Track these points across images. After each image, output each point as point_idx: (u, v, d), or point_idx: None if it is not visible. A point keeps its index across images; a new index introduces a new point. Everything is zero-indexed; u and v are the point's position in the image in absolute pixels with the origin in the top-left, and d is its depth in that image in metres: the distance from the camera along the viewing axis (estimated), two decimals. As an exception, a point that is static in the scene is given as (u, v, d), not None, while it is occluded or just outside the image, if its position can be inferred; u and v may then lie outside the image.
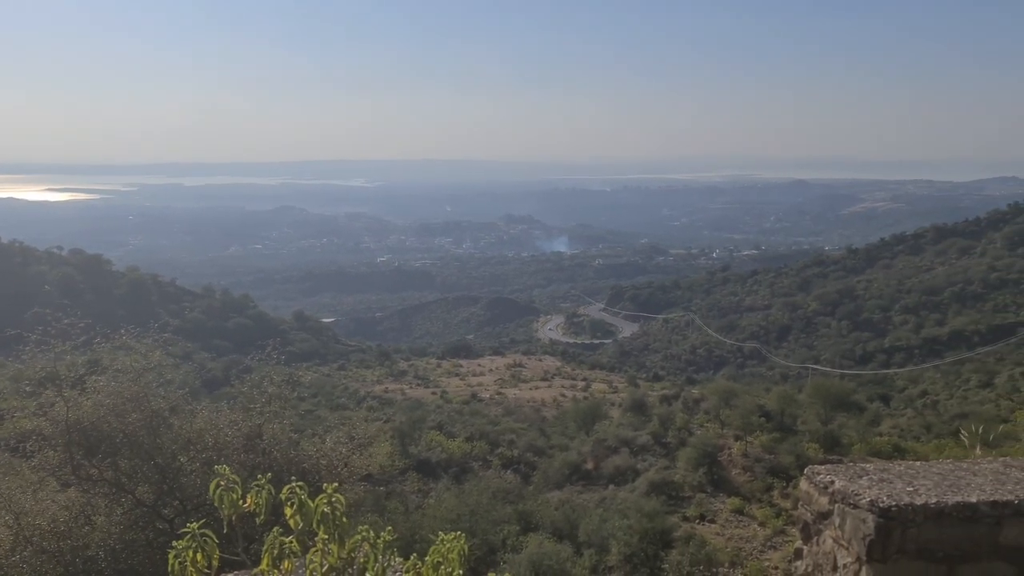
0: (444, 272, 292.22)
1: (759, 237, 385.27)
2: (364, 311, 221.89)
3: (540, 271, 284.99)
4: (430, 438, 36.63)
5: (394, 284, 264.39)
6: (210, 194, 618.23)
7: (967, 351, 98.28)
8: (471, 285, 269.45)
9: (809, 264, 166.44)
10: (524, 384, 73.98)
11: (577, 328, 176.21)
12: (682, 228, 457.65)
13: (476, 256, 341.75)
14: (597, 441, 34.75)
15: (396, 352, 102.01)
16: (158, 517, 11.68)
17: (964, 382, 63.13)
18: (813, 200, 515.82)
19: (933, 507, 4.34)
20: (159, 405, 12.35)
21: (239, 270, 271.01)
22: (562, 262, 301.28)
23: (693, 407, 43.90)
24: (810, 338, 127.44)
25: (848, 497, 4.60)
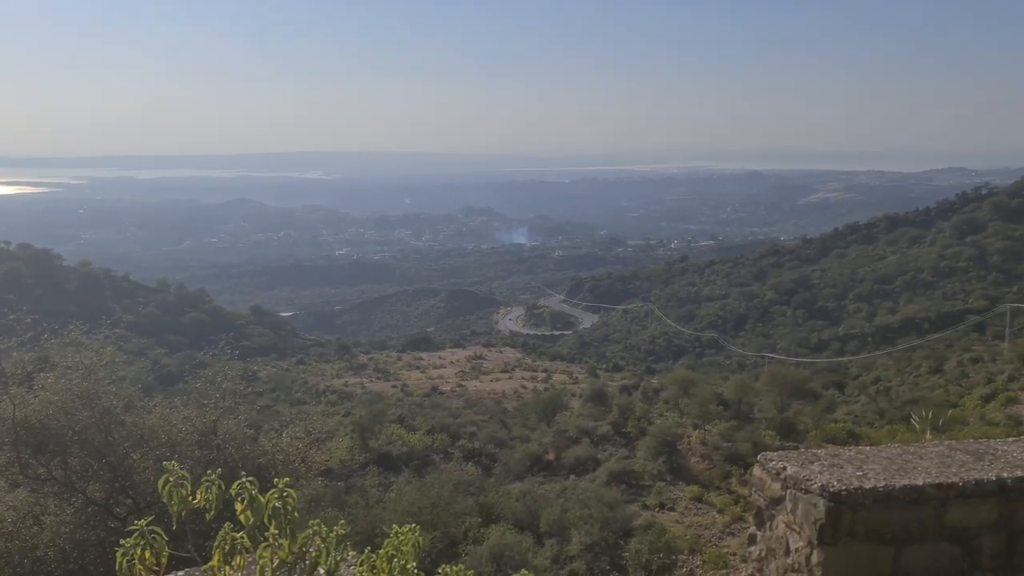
0: (404, 265, 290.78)
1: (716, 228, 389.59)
2: (323, 305, 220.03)
3: (500, 263, 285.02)
4: (391, 432, 36.46)
5: (353, 277, 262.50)
6: (164, 187, 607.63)
7: (918, 338, 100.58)
8: (431, 277, 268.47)
9: (765, 254, 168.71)
10: (485, 376, 73.99)
11: (537, 320, 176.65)
12: (640, 219, 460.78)
13: (436, 248, 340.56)
14: (558, 432, 34.89)
15: (356, 346, 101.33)
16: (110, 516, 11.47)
17: (915, 368, 64.56)
18: (768, 191, 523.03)
19: (881, 490, 4.42)
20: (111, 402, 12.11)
21: (194, 264, 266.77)
22: (522, 254, 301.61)
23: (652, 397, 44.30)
24: (766, 327, 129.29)
25: (800, 482, 4.67)
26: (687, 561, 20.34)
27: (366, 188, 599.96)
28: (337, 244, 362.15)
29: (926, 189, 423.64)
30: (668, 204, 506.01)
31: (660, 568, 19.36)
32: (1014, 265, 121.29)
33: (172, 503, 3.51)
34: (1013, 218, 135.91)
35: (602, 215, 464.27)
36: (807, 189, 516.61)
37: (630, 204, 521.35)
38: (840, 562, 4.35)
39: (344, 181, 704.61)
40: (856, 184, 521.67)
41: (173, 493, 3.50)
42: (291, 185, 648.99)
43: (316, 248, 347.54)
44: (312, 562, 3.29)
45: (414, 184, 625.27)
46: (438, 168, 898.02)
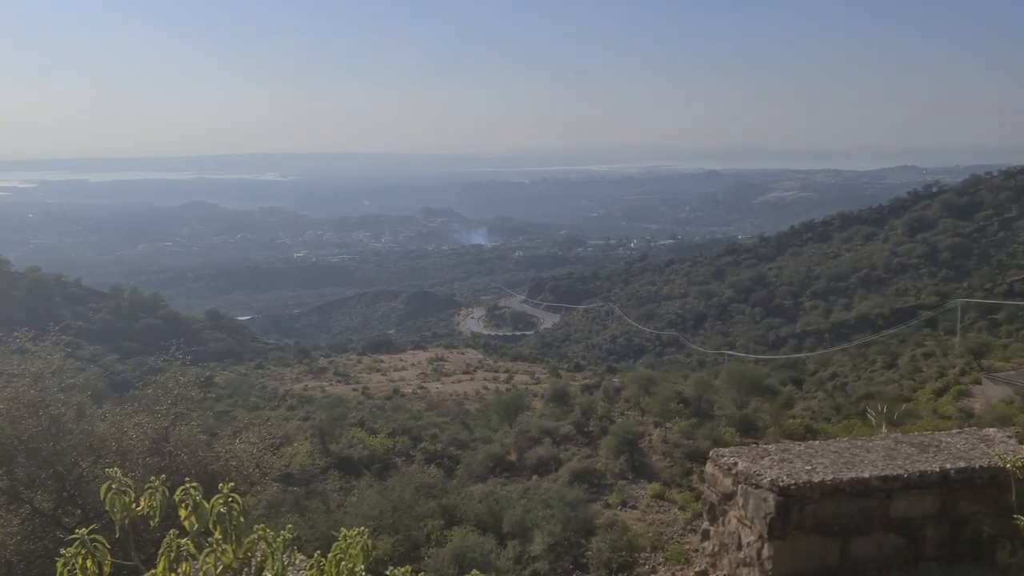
0: (363, 267, 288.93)
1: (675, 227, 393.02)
2: (281, 308, 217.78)
3: (460, 264, 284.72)
4: (351, 435, 36.22)
5: (312, 280, 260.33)
6: (117, 190, 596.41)
7: (872, 334, 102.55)
8: (391, 279, 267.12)
9: (723, 253, 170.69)
10: (447, 378, 73.85)
11: (499, 320, 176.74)
12: (600, 219, 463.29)
13: (395, 250, 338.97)
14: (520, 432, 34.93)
15: (315, 349, 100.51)
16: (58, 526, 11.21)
17: (870, 364, 65.79)
18: (726, 190, 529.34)
19: (829, 484, 4.49)
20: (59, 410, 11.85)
21: (149, 269, 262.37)
22: (482, 255, 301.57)
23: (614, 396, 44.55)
24: (725, 325, 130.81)
25: (750, 478, 4.73)
26: (649, 558, 20.50)
27: (324, 190, 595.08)
28: (295, 247, 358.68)
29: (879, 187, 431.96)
30: (628, 204, 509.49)
31: (622, 566, 19.48)
32: (963, 261, 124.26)
33: (114, 511, 3.44)
34: (962, 215, 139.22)
35: (563, 215, 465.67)
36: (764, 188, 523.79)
37: (591, 204, 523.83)
38: (790, 555, 4.41)
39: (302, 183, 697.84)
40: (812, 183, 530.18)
41: (115, 500, 3.43)
42: (248, 187, 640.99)
43: (274, 251, 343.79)
44: (258, 567, 3.31)
45: (373, 185, 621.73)
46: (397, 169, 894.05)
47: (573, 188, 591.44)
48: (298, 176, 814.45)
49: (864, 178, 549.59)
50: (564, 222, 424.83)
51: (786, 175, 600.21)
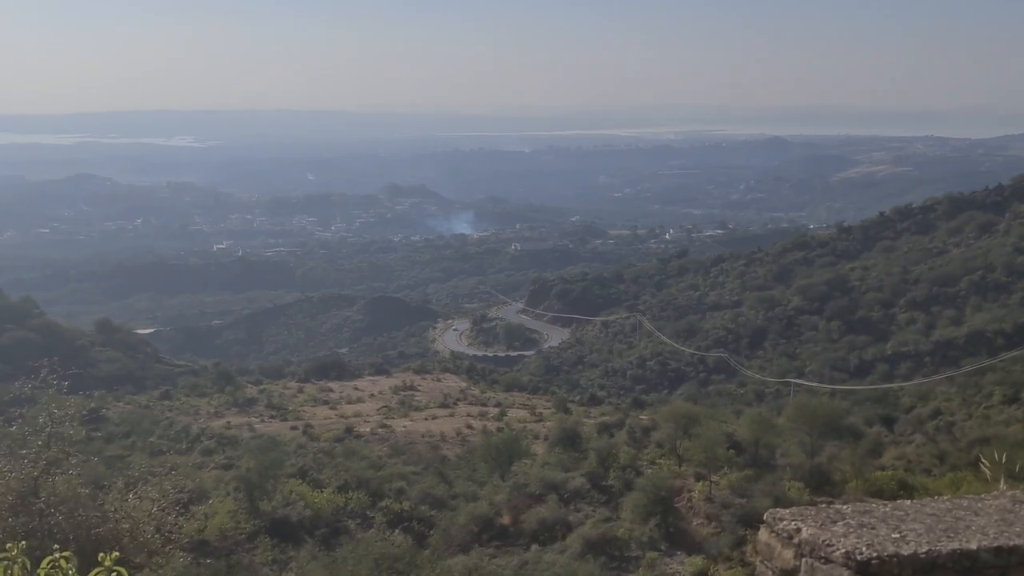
0: (307, 263, 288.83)
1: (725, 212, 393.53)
2: (196, 318, 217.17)
3: (437, 260, 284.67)
4: (289, 489, 36.19)
5: (238, 280, 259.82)
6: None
7: (989, 358, 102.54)
8: (344, 280, 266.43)
9: (790, 247, 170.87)
10: (417, 413, 73.74)
11: (488, 336, 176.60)
12: (625, 201, 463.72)
13: (350, 241, 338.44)
14: (515, 487, 34.91)
15: (242, 373, 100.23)
16: None
17: (986, 397, 65.81)
18: (794, 163, 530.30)
19: (923, 558, 4.48)
20: None
21: (18, 263, 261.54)
22: (467, 248, 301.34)
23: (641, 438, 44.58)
24: (791, 344, 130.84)
25: (818, 549, 4.72)
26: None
27: (255, 160, 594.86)
28: (216, 235, 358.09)
29: (999, 161, 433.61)
30: (663, 181, 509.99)
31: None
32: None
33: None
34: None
35: (575, 196, 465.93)
36: (844, 161, 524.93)
37: (612, 181, 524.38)
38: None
39: (225, 150, 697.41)
40: (909, 154, 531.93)
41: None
42: (152, 156, 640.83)
43: (187, 241, 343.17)
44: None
45: (320, 155, 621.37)
46: (353, 133, 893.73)
47: (589, 160, 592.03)
48: (219, 141, 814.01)
49: (979, 148, 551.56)
50: (577, 205, 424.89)
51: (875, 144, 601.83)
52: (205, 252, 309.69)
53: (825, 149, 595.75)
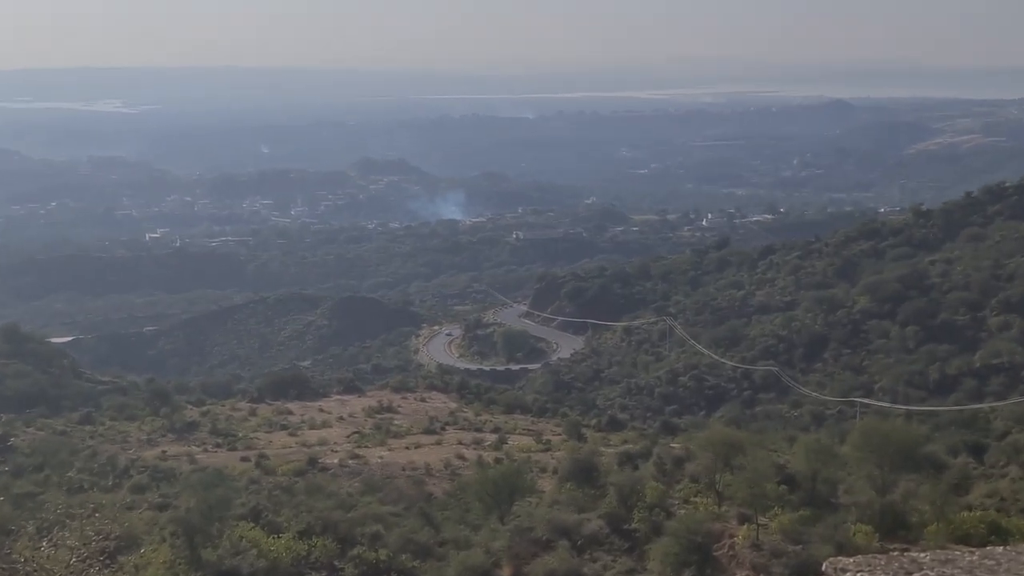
0: (260, 256, 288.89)
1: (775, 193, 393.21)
2: (126, 323, 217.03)
3: (421, 252, 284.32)
4: (238, 535, 36.13)
5: (176, 277, 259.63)
6: None
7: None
8: (306, 277, 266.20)
9: (854, 236, 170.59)
10: (397, 440, 73.66)
11: (483, 345, 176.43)
12: (652, 179, 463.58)
13: (314, 228, 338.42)
14: (517, 531, 34.86)
15: (181, 391, 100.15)
16: None
17: (1097, 420, 65.71)
18: (859, 132, 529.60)
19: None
20: None
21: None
22: (457, 237, 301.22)
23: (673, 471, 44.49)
24: (857, 355, 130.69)
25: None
26: None
27: (197, 129, 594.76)
28: (149, 222, 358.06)
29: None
30: (698, 155, 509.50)
31: None
32: None
33: None
34: None
35: (590, 173, 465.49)
36: (922, 130, 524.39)
37: (636, 155, 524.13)
38: None
39: (159, 117, 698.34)
40: (1002, 121, 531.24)
41: None
42: (70, 123, 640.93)
43: (113, 228, 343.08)
44: None
45: (276, 122, 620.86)
46: (316, 96, 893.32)
47: (607, 128, 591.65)
48: (153, 105, 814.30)
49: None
50: (592, 184, 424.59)
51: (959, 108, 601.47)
52: (136, 242, 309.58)
53: (898, 115, 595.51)
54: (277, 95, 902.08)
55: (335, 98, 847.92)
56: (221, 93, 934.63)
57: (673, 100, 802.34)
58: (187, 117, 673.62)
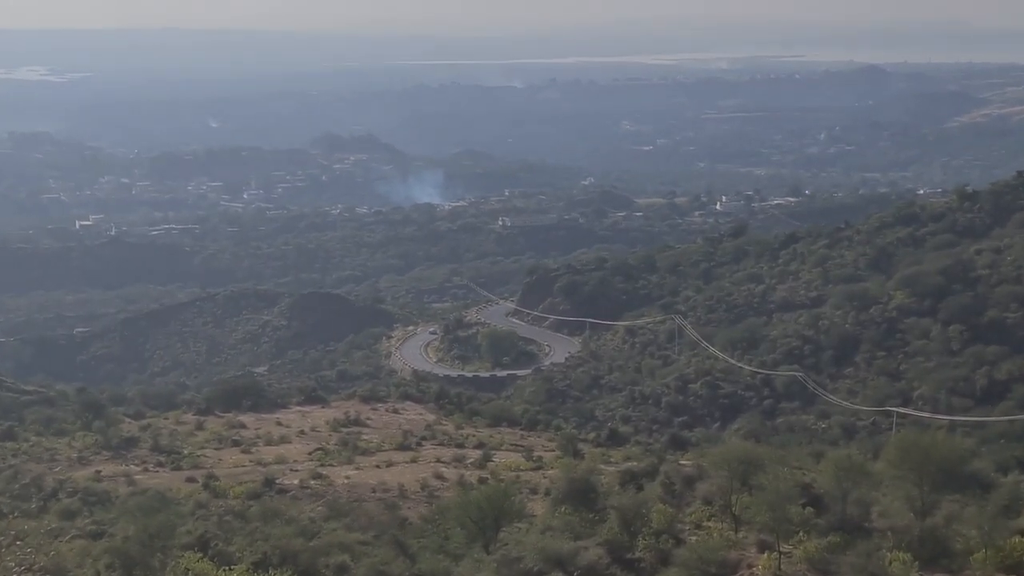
0: (209, 246, 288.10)
1: (799, 172, 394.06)
2: (52, 323, 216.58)
3: (393, 241, 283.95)
4: (184, 567, 36.11)
5: (110, 271, 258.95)
6: None
7: None
8: (261, 270, 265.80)
9: (890, 222, 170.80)
10: (366, 458, 73.63)
11: (465, 349, 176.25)
12: (658, 157, 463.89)
13: (270, 214, 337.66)
14: (505, 562, 34.86)
15: (117, 403, 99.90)
16: None
17: None
18: (895, 103, 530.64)
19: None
20: None
21: None
22: (435, 224, 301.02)
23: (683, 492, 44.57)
24: (893, 359, 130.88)
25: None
26: None
27: (134, 100, 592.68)
28: (79, 208, 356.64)
29: None
30: (711, 129, 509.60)
31: None
32: None
33: None
34: None
35: (588, 150, 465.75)
36: (967, 100, 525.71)
37: (640, 129, 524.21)
38: None
39: (91, 86, 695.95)
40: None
41: None
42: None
43: (38, 215, 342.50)
44: None
45: (226, 93, 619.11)
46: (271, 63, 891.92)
47: (607, 99, 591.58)
48: (84, 73, 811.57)
49: None
50: (590, 163, 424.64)
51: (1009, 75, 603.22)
52: (64, 231, 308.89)
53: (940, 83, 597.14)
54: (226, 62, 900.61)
55: (294, 65, 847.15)
56: (161, 59, 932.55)
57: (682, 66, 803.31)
58: (122, 87, 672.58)
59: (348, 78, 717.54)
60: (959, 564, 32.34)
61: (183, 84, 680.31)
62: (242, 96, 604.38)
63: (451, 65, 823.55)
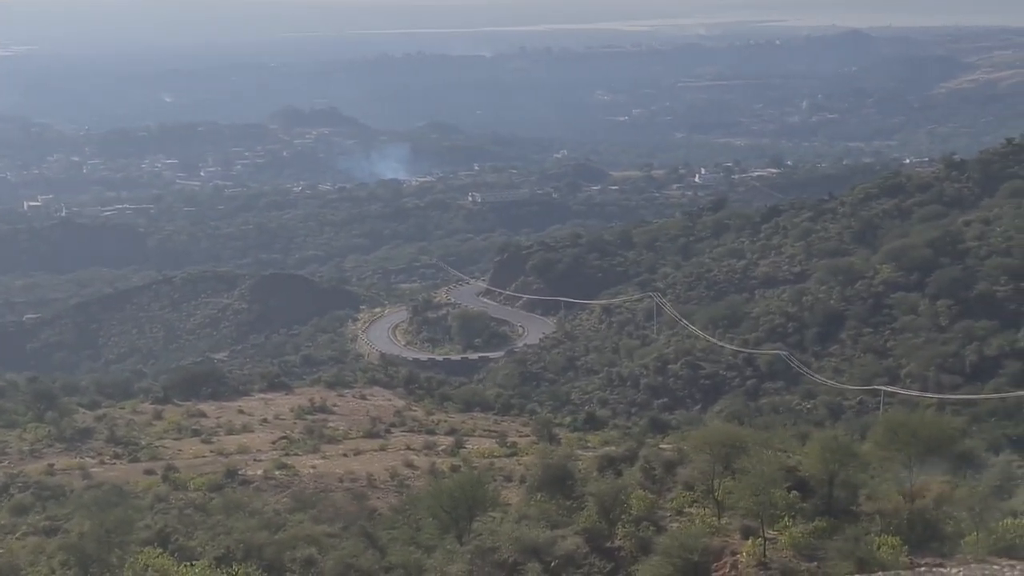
0: (164, 227, 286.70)
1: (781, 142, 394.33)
2: (1, 311, 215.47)
3: (358, 219, 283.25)
4: (143, 563, 36.02)
5: (61, 254, 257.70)
6: None
7: None
8: (220, 251, 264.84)
9: (875, 193, 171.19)
10: (333, 447, 73.56)
11: (435, 331, 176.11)
12: (634, 128, 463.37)
13: (229, 193, 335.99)
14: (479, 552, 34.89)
15: (70, 392, 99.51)
16: None
17: None
18: (880, 69, 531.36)
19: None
20: None
21: None
22: (401, 201, 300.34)
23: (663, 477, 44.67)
24: (880, 335, 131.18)
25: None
26: None
27: (83, 74, 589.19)
28: (27, 187, 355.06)
29: None
30: (689, 97, 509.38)
31: None
32: None
33: None
34: None
35: (560, 121, 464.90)
36: (954, 65, 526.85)
37: (615, 99, 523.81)
38: None
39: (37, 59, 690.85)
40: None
41: None
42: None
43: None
44: None
45: (181, 65, 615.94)
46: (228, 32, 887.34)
47: (580, 68, 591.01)
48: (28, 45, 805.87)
49: None
50: (563, 134, 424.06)
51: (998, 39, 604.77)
52: (11, 213, 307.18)
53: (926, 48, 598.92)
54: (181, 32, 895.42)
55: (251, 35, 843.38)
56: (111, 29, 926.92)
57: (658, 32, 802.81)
58: (70, 60, 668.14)
59: (308, 48, 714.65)
60: (950, 547, 32.49)
61: (134, 56, 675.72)
62: (197, 69, 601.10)
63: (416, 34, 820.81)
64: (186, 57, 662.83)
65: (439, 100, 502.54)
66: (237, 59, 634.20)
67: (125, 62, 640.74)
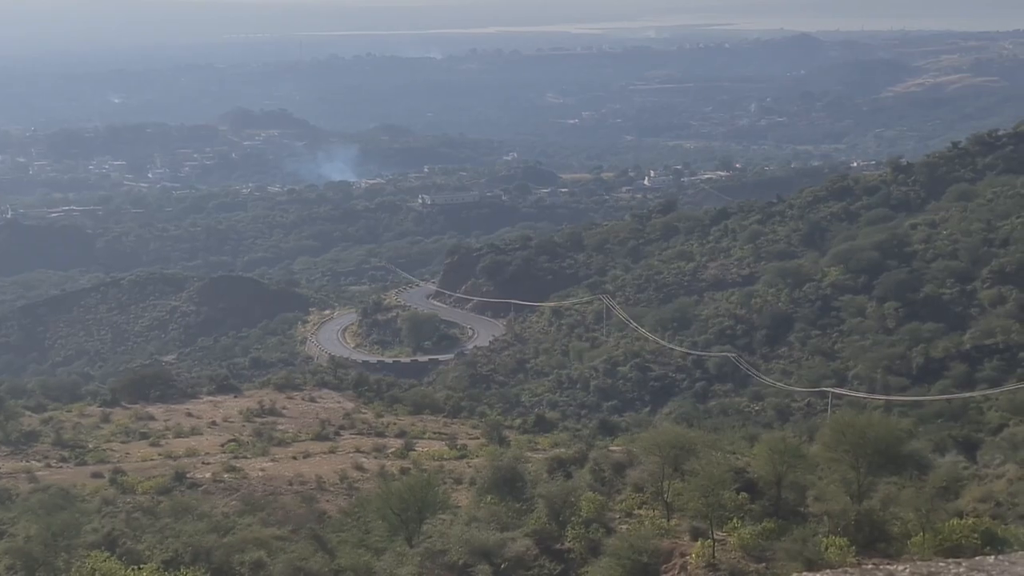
0: (112, 228, 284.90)
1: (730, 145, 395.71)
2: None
3: (307, 221, 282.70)
4: (90, 567, 35.85)
5: (8, 256, 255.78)
6: None
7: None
8: (168, 253, 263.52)
9: (823, 196, 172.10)
10: (282, 449, 73.42)
11: (384, 333, 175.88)
12: (584, 130, 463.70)
13: (177, 194, 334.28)
14: (429, 555, 34.93)
15: (15, 394, 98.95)
16: None
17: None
18: (828, 72, 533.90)
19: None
20: None
21: None
22: (351, 203, 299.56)
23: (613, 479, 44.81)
24: (828, 337, 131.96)
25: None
26: None
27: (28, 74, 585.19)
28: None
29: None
30: (639, 100, 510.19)
31: None
32: None
33: None
34: None
35: (511, 123, 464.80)
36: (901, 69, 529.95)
37: (565, 102, 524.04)
38: None
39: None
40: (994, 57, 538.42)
41: None
42: None
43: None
44: None
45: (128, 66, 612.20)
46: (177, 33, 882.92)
47: (530, 70, 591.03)
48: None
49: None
50: (514, 137, 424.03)
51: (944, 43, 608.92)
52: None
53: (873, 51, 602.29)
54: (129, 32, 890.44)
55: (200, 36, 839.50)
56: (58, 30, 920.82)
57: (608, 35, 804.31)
58: (15, 60, 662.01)
59: (258, 50, 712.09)
60: (897, 548, 32.77)
61: (82, 56, 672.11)
62: (146, 70, 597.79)
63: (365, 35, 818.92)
64: (134, 58, 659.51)
65: (389, 102, 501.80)
66: (186, 60, 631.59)
67: (72, 62, 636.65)
